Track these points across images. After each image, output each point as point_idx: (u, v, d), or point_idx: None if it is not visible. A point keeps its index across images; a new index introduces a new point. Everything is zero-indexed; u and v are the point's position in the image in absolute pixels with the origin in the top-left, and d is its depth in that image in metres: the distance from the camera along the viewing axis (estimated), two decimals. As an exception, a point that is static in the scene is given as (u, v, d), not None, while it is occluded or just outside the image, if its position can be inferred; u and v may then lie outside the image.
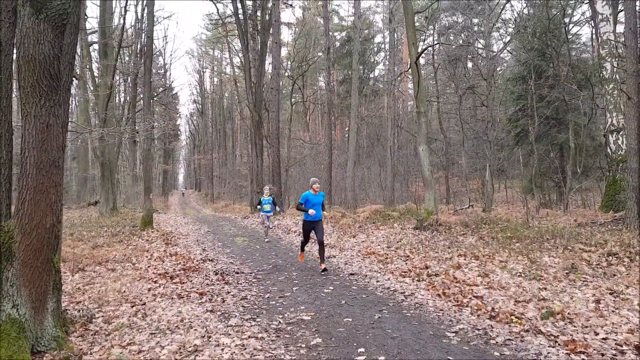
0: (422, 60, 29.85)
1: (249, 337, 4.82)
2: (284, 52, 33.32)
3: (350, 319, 5.36)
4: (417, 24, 24.84)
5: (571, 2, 19.65)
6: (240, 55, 29.27)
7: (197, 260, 9.53)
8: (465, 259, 8.32)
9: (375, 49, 39.30)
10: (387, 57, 32.47)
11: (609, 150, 13.48)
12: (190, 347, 4.52)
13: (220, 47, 46.54)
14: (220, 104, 51.35)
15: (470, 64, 26.27)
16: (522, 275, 6.96)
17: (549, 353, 4.19)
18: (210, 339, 4.74)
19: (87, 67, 20.88)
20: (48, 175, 4.31)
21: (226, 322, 5.35)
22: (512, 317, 5.14)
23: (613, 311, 5.10)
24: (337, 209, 17.85)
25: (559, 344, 4.35)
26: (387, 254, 9.47)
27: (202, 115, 56.24)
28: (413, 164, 23.58)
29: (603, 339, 4.39)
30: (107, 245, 11.16)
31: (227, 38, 34.84)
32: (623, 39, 11.66)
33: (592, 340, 4.36)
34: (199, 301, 6.32)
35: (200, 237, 13.89)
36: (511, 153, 20.36)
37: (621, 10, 12.91)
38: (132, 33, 27.30)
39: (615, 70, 13.29)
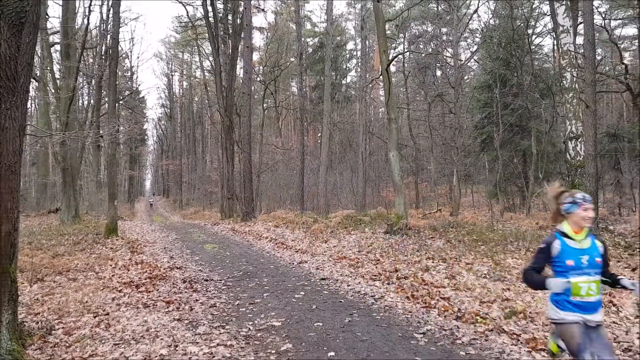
0: (392, 68, 30.24)
1: (218, 344, 4.75)
2: (256, 56, 33.26)
3: (321, 324, 5.36)
4: (388, 32, 25.22)
5: (534, 14, 20.38)
6: (211, 58, 29.05)
7: (164, 268, 9.34)
8: (433, 262, 8.46)
9: (348, 55, 39.69)
10: (359, 64, 32.84)
11: (568, 156, 13.97)
12: (156, 356, 4.42)
13: (190, 50, 46.00)
14: (190, 108, 50.66)
15: (439, 72, 26.85)
16: (487, 276, 7.13)
17: (511, 351, 4.32)
18: (177, 348, 4.65)
19: (48, 68, 20.22)
20: (4, 180, 4.14)
21: (194, 330, 5.26)
22: (477, 317, 5.27)
23: (572, 310, 5.28)
24: (309, 214, 17.86)
25: (521, 342, 4.48)
26: (358, 258, 9.53)
27: (171, 119, 55.30)
28: (384, 170, 23.85)
29: (563, 337, 4.53)
30: (69, 254, 10.80)
31: (197, 41, 34.48)
32: (582, 50, 12.16)
33: (553, 339, 4.50)
34: (166, 310, 6.18)
35: (167, 245, 13.62)
36: (477, 159, 20.87)
37: (581, 23, 13.46)
38: (96, 34, 26.67)
39: (574, 80, 13.81)
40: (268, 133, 36.60)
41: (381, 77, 14.59)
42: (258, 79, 32.89)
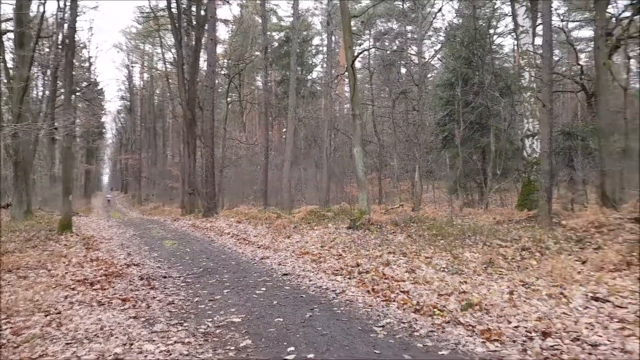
0: (358, 64, 30.45)
1: (175, 342, 4.67)
2: (220, 49, 32.66)
3: (282, 319, 5.35)
4: (353, 28, 25.33)
5: (496, 14, 20.95)
6: (173, 50, 28.35)
7: (120, 265, 9.07)
8: (394, 256, 8.58)
9: (314, 50, 39.59)
10: (325, 59, 32.84)
11: (525, 153, 14.49)
12: (110, 356, 4.29)
13: (152, 41, 44.66)
14: (151, 101, 49.31)
15: (403, 70, 27.20)
16: (446, 270, 7.30)
17: (467, 342, 4.44)
18: (132, 347, 4.53)
19: (0, 57, 19.22)
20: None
21: (151, 328, 5.14)
22: (435, 310, 5.38)
23: (524, 301, 5.48)
24: (272, 210, 17.75)
25: (476, 333, 4.61)
26: (321, 254, 9.55)
27: (131, 112, 53.65)
28: (348, 166, 24.00)
29: (515, 327, 4.70)
30: (19, 250, 10.31)
31: (160, 32, 33.55)
32: (540, 51, 12.59)
33: (506, 329, 4.66)
34: (122, 308, 6.01)
35: (125, 241, 13.24)
36: (439, 155, 21.31)
37: (540, 24, 13.94)
38: (53, 22, 25.52)
39: (532, 80, 14.31)
40: (232, 127, 36.10)
41: (346, 73, 14.63)
42: (222, 72, 32.38)
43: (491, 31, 19.92)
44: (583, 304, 5.31)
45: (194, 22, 24.51)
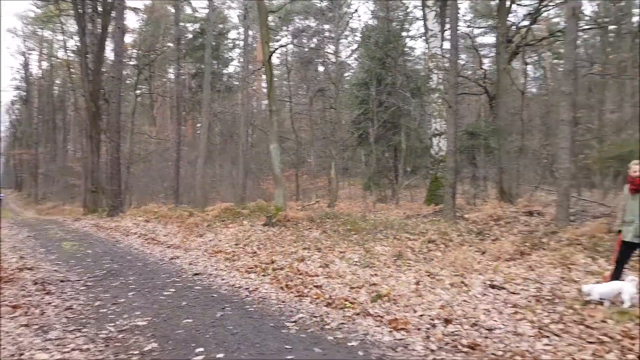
0: (276, 60, 30.33)
1: (72, 349, 4.32)
2: (129, 39, 30.81)
3: (191, 320, 5.18)
4: (271, 23, 25.12)
5: (408, 17, 21.86)
6: (76, 38, 26.23)
7: (11, 270, 8.18)
8: (309, 252, 8.63)
9: (231, 44, 38.66)
10: (242, 53, 32.24)
11: (432, 151, 15.31)
12: (-8, 369, 3.84)
13: (52, 27, 40.97)
14: (50, 91, 45.22)
15: (321, 68, 27.50)
16: (358, 263, 7.48)
17: (375, 332, 4.57)
18: (22, 357, 4.13)
19: None
20: None
21: (44, 335, 4.71)
22: (346, 303, 5.48)
23: (430, 291, 5.77)
24: (184, 208, 17.09)
25: (384, 323, 4.76)
26: (235, 252, 9.35)
27: (27, 103, 48.88)
28: (265, 162, 23.79)
29: (420, 315, 4.92)
30: None
31: (61, 18, 30.87)
32: (448, 54, 13.33)
33: (412, 317, 4.86)
34: (11, 315, 5.43)
35: (17, 243, 12.01)
36: (354, 153, 21.83)
37: (448, 29, 14.79)
38: None
39: (440, 82, 15.14)
40: (141, 121, 34.24)
41: (264, 68, 14.46)
42: (131, 63, 30.56)
43: (404, 34, 20.77)
44: (481, 292, 5.69)
45: (100, 9, 22.82)
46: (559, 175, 9.79)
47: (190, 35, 35.48)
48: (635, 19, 16.25)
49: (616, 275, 5.23)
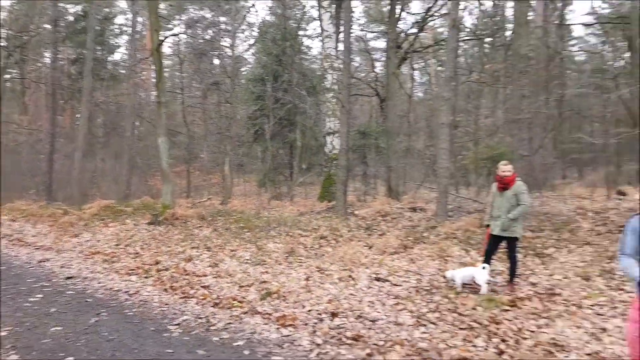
0: (167, 50, 28.82)
1: None
2: (-5, 15, 27.06)
3: (60, 328, 4.71)
4: (163, 11, 23.78)
5: (305, 17, 22.09)
6: None
7: None
8: (197, 251, 8.28)
9: (117, 30, 35.88)
10: (130, 40, 30.08)
11: (326, 149, 15.64)
12: None
13: None
14: None
15: (217, 61, 26.68)
16: (249, 261, 7.33)
17: (262, 330, 4.49)
18: None
19: None
20: None
21: None
22: (234, 302, 5.33)
23: (319, 286, 5.83)
24: (58, 205, 15.45)
25: (272, 321, 4.70)
26: (115, 253, 8.65)
27: None
28: (154, 157, 22.41)
29: (309, 310, 4.93)
30: None
31: None
32: (342, 56, 13.66)
33: (300, 313, 4.86)
34: None
35: None
36: (250, 149, 21.55)
37: (342, 31, 15.15)
38: None
39: (334, 82, 15.49)
40: (10, 109, 30.35)
41: (152, 57, 13.61)
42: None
43: (301, 33, 20.93)
44: (367, 285, 5.89)
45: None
46: (439, 174, 10.55)
47: (71, 18, 32.30)
48: (507, 33, 18.10)
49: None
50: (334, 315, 4.73)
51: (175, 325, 4.77)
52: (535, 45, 19.13)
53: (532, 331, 4.18)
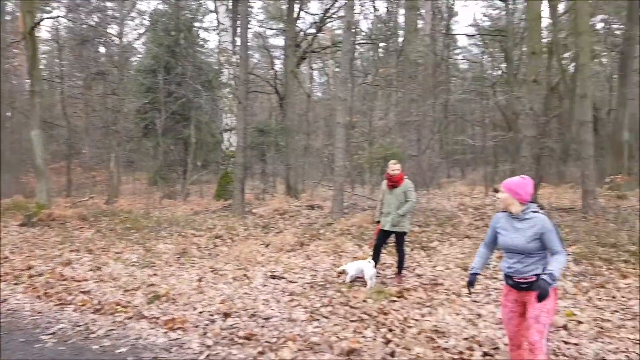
0: (45, 34, 26.09)
1: None
2: None
3: None
4: (37, -10, 21.33)
5: (202, 8, 21.32)
6: None
7: None
8: (77, 254, 7.58)
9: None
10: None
11: (223, 146, 15.27)
12: None
13: None
14: None
15: (103, 49, 24.67)
16: (136, 264, 6.89)
17: (149, 335, 4.23)
18: None
19: None
20: None
21: None
22: (118, 307, 4.97)
23: (212, 286, 5.64)
24: None
25: (159, 325, 4.44)
26: (-24, 258, 7.59)
27: None
28: (27, 151, 20.07)
29: (200, 312, 4.74)
30: None
31: None
32: (239, 50, 13.37)
33: (190, 315, 4.65)
34: None
35: None
36: (140, 145, 20.31)
37: (239, 25, 14.82)
38: None
39: (231, 77, 15.15)
40: None
41: (24, 41, 12.22)
42: None
43: (197, 24, 20.17)
44: (262, 283, 5.83)
45: None
46: (335, 173, 10.83)
47: None
48: (400, 39, 19.14)
49: (375, 259, 5.97)
50: (226, 315, 4.60)
51: (49, 334, 4.33)
52: (424, 52, 20.56)
53: (417, 320, 4.43)
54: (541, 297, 2.71)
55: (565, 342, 3.81)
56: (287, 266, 6.63)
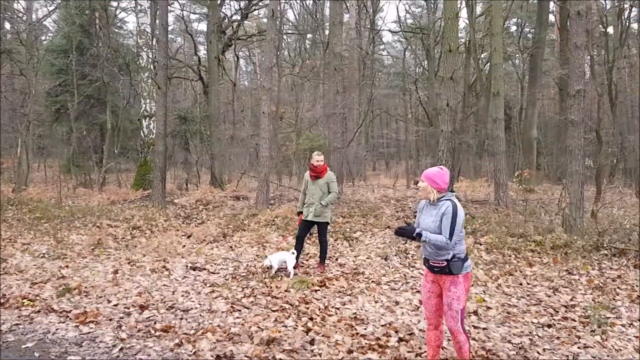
0: None
1: None
2: None
3: None
4: None
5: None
6: None
7: None
8: (-23, 247, 6.96)
9: None
10: None
11: (142, 133, 14.62)
12: None
13: None
14: None
15: (8, 25, 22.49)
16: (46, 256, 6.49)
17: (58, 329, 4.04)
18: None
19: None
20: None
21: None
22: (24, 301, 4.68)
23: (128, 279, 5.46)
24: None
25: (70, 319, 4.24)
26: None
27: None
28: None
29: (115, 305, 4.59)
30: None
31: None
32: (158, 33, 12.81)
33: (105, 308, 4.48)
34: None
35: None
36: (52, 130, 18.90)
37: (158, 8, 14.17)
38: None
39: (150, 61, 14.48)
40: None
41: None
42: None
43: (114, 3, 19.02)
44: (182, 275, 5.74)
45: None
46: (260, 163, 10.80)
47: None
48: (326, 31, 19.31)
49: (297, 249, 6.08)
50: (142, 308, 4.49)
51: (-57, 333, 3.96)
52: (350, 45, 20.96)
53: (338, 308, 4.59)
54: (397, 232, 3.05)
55: (475, 327, 4.11)
56: (209, 257, 6.57)
